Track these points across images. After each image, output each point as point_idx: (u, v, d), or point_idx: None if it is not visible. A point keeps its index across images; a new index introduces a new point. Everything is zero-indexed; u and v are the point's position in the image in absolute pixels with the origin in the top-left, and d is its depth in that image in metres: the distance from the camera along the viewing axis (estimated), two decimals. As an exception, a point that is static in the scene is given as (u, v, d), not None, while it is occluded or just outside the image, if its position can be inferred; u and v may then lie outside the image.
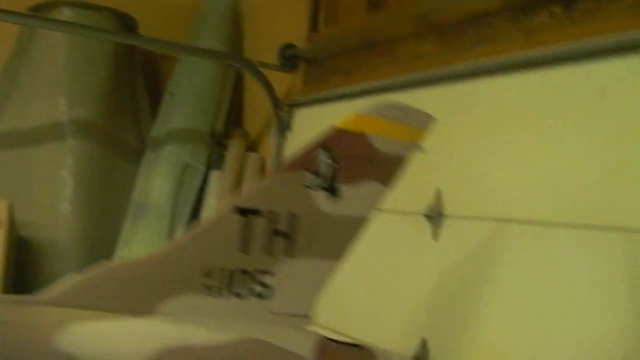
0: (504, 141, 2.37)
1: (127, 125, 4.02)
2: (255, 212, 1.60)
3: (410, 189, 2.78)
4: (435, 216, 2.60)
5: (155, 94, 4.19)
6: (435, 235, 2.60)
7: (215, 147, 3.94)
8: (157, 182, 3.80)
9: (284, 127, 3.58)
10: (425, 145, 1.87)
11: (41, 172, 3.71)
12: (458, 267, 2.51)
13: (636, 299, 1.90)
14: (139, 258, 1.55)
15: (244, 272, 1.59)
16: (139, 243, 3.72)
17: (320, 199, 1.67)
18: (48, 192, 3.68)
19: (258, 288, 1.62)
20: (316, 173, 1.66)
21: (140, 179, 3.86)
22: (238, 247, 1.58)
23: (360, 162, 1.72)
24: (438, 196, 2.60)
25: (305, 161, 1.65)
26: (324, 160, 1.66)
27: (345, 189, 1.69)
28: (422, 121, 1.82)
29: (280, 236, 1.63)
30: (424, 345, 2.58)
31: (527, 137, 2.28)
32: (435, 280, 2.59)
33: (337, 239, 1.70)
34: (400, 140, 1.78)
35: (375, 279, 2.89)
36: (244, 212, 1.59)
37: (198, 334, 1.49)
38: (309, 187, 1.65)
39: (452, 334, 2.51)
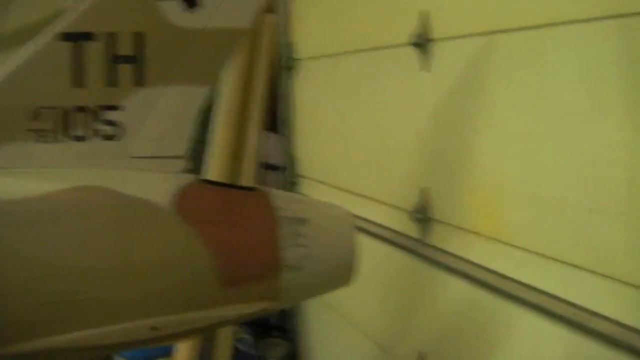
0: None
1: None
2: (86, 36, 1.30)
3: (392, 19, 2.39)
4: (423, 42, 2.19)
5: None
6: (425, 65, 2.20)
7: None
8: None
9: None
10: None
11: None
12: (451, 97, 2.12)
13: (635, 93, 1.50)
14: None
15: (83, 109, 1.31)
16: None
17: (174, 10, 1.33)
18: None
19: (104, 127, 1.33)
20: None
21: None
22: (70, 80, 1.30)
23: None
24: (424, 19, 2.18)
25: None
26: None
27: (207, -4, 1.35)
28: None
29: (125, 62, 1.32)
30: (423, 194, 2.24)
31: None
32: (429, 117, 2.21)
33: (202, 59, 1.37)
34: None
35: (368, 129, 2.54)
36: (72, 37, 1.29)
37: (13, 186, 1.23)
38: None
39: (452, 175, 2.15)
